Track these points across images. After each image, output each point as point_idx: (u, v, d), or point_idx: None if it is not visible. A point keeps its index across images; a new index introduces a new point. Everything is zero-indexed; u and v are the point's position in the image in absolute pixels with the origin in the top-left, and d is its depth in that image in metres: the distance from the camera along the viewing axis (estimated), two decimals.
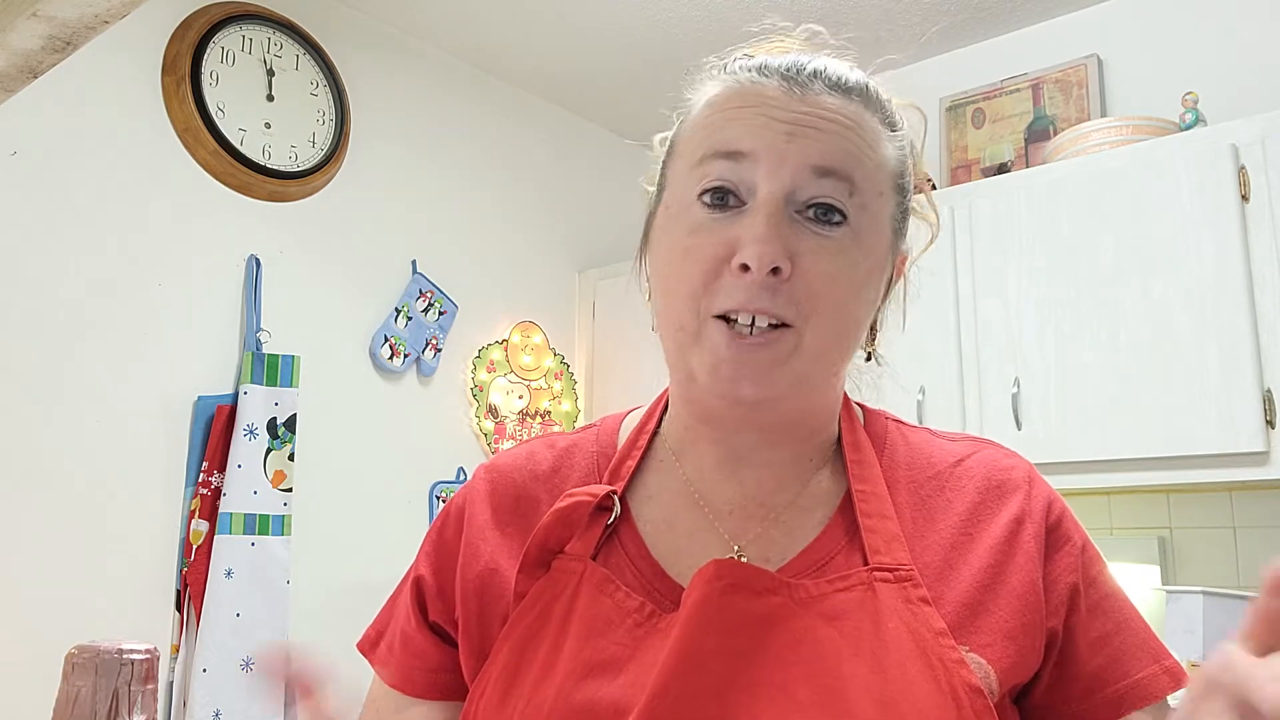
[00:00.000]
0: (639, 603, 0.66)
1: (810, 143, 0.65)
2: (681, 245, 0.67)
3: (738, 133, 0.66)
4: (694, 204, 0.67)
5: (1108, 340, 2.05)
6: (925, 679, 0.59)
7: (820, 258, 0.64)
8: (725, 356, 0.64)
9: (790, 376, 0.65)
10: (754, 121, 0.65)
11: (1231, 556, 2.15)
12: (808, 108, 0.66)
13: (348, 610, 2.36)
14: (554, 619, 0.67)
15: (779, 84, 0.67)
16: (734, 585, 0.63)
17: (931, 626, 0.62)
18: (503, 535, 0.74)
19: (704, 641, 0.61)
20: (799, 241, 0.64)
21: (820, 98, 0.66)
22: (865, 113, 0.68)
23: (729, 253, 0.64)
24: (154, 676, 0.49)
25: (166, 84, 2.20)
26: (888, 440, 0.74)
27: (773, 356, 0.64)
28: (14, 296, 1.96)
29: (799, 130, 0.65)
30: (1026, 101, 2.60)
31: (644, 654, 0.63)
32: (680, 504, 0.72)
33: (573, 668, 0.63)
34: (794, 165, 0.64)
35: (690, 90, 0.74)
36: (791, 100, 0.66)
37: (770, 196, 0.64)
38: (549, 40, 2.76)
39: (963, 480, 0.71)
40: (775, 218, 0.63)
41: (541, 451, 0.78)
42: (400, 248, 2.62)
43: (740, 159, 0.65)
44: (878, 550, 0.66)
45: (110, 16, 1.05)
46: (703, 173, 0.67)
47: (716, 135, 0.67)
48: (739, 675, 0.61)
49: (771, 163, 0.64)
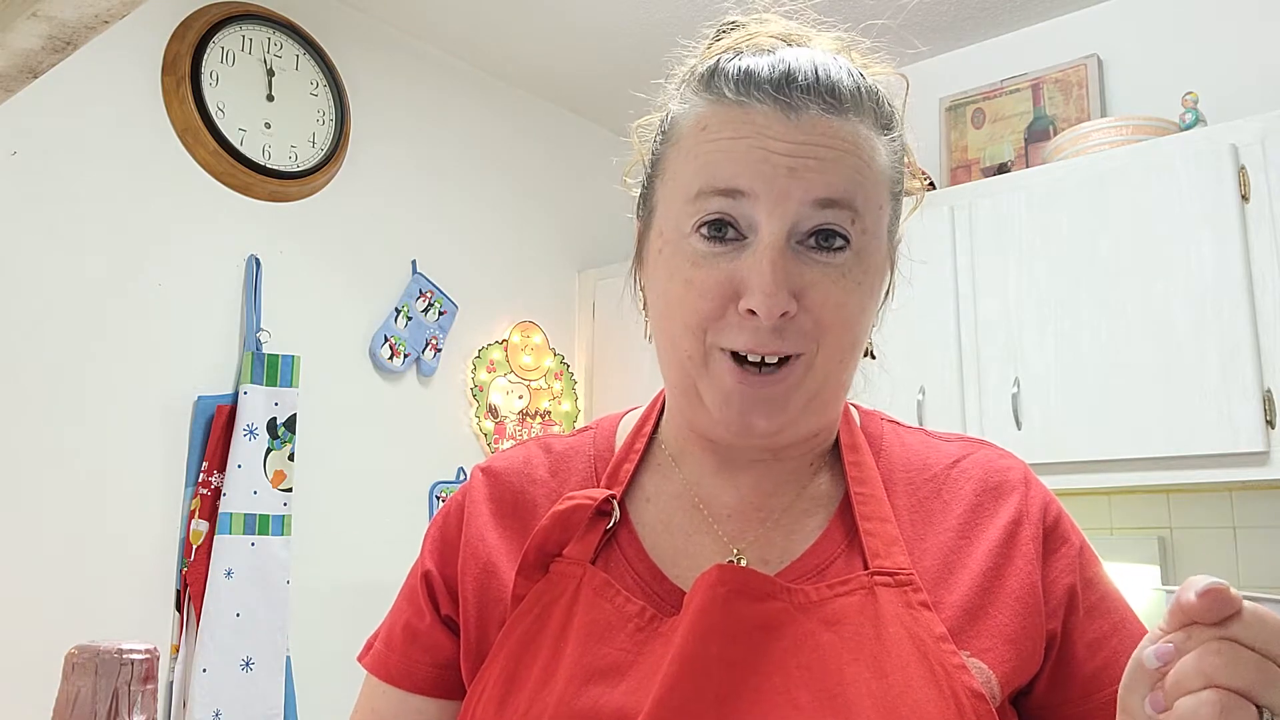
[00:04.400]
0: (639, 607, 0.66)
1: (813, 175, 0.62)
2: (683, 276, 0.65)
3: (735, 170, 0.63)
4: (691, 235, 0.65)
5: (1108, 340, 2.05)
6: (927, 684, 0.59)
7: (826, 288, 0.63)
8: (735, 390, 0.64)
9: (801, 401, 0.65)
10: (751, 155, 0.63)
11: (1231, 556, 2.15)
12: (805, 136, 0.63)
13: (348, 610, 2.37)
14: (553, 623, 0.66)
15: (772, 108, 0.63)
16: (736, 591, 0.63)
17: (932, 631, 0.62)
18: (501, 537, 0.73)
19: (707, 648, 0.61)
20: (803, 274, 0.63)
21: (817, 121, 0.63)
22: (861, 127, 0.65)
23: (733, 290, 0.63)
24: (154, 676, 0.49)
25: (166, 84, 2.20)
26: (884, 442, 0.74)
27: (785, 388, 0.64)
28: (14, 297, 1.96)
29: (799, 163, 0.62)
30: (1026, 101, 2.60)
31: (646, 659, 0.63)
32: (679, 507, 0.72)
33: (574, 673, 0.63)
34: (797, 201, 0.62)
35: (675, 92, 0.71)
36: (788, 129, 0.63)
37: (774, 237, 0.62)
38: (549, 40, 2.76)
39: (959, 482, 0.71)
40: (780, 260, 0.62)
41: (538, 455, 0.78)
42: (400, 248, 2.62)
43: (739, 197, 0.63)
44: (878, 554, 0.65)
45: (110, 16, 1.05)
46: (699, 207, 0.64)
47: (712, 171, 0.64)
48: (741, 681, 0.60)
49: (773, 200, 0.62)
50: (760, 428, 0.65)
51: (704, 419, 0.68)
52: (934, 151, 2.72)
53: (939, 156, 2.71)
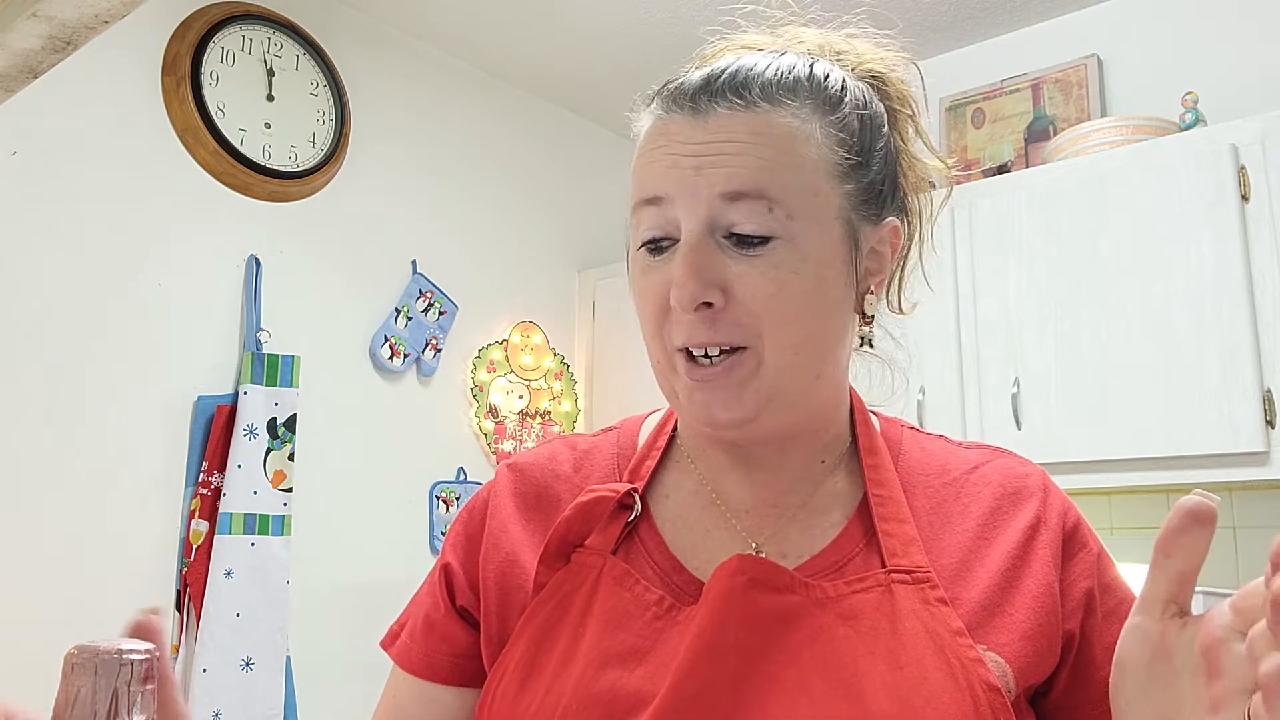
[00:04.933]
0: (658, 596, 0.67)
1: (716, 170, 0.65)
2: (638, 286, 0.70)
3: (654, 178, 0.67)
4: (637, 247, 0.70)
5: (1108, 340, 2.05)
6: (942, 676, 0.60)
7: (752, 280, 0.65)
8: (692, 385, 0.67)
9: (758, 395, 0.67)
10: (663, 162, 0.67)
11: (1231, 556, 2.15)
12: (709, 135, 0.66)
13: (348, 610, 2.37)
14: (573, 610, 0.68)
15: (685, 115, 0.67)
16: (755, 581, 0.65)
17: (949, 626, 0.63)
18: (525, 529, 0.75)
19: (724, 634, 0.63)
20: (727, 269, 0.65)
21: (722, 120, 0.66)
22: (778, 116, 0.66)
23: (669, 291, 0.67)
24: (154, 676, 0.49)
25: (166, 84, 2.20)
26: (903, 446, 0.76)
27: (736, 380, 0.66)
28: (14, 297, 1.96)
29: (703, 160, 0.65)
30: (1026, 101, 2.60)
31: (664, 646, 0.65)
32: (697, 502, 0.74)
33: (593, 658, 0.65)
34: (706, 198, 0.65)
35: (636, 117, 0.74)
36: (695, 130, 0.66)
37: (689, 235, 0.65)
38: (549, 40, 2.76)
39: (979, 486, 0.72)
40: (694, 255, 0.65)
41: (563, 452, 0.80)
42: (400, 248, 2.62)
43: (661, 203, 0.67)
44: (895, 553, 0.67)
45: (110, 16, 1.05)
46: (637, 220, 0.69)
47: (638, 183, 0.69)
48: (756, 669, 0.62)
49: (685, 200, 0.65)
50: (721, 418, 0.67)
51: (686, 415, 0.71)
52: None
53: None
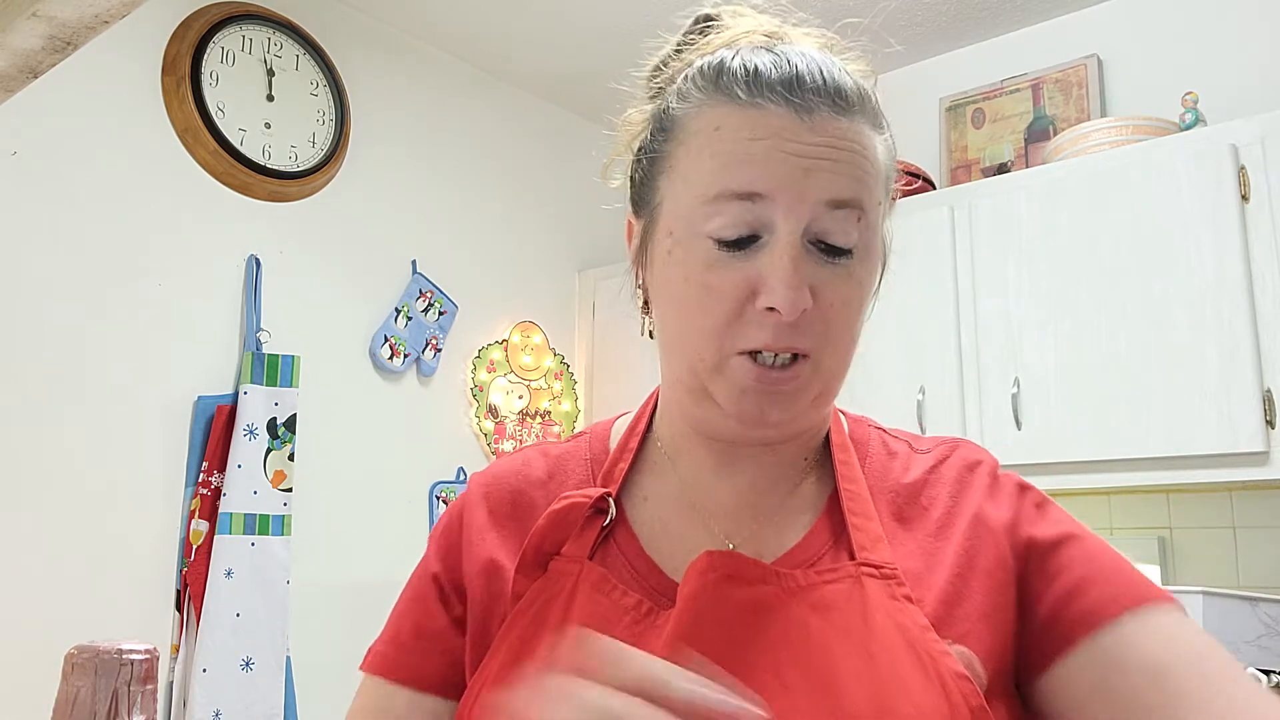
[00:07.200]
0: (636, 600, 0.67)
1: (826, 176, 0.64)
2: (700, 280, 0.66)
3: (755, 173, 0.64)
4: (705, 238, 0.66)
5: (1108, 340, 2.05)
6: (913, 667, 0.61)
7: (835, 287, 0.65)
8: (752, 388, 0.66)
9: (809, 398, 0.68)
10: (770, 158, 0.64)
11: (1231, 556, 2.15)
12: (818, 137, 0.64)
13: (348, 610, 2.37)
14: (551, 618, 0.67)
15: (784, 109, 0.65)
16: (727, 576, 0.65)
17: (916, 621, 0.63)
18: (500, 536, 0.74)
19: (698, 633, 0.63)
20: (815, 274, 0.65)
21: (828, 123, 0.65)
22: (864, 127, 0.67)
23: (750, 291, 0.65)
24: (154, 677, 0.49)
25: (166, 84, 2.20)
26: (870, 448, 0.76)
27: (796, 386, 0.66)
28: (14, 297, 1.96)
29: (814, 164, 0.64)
30: (1026, 101, 2.60)
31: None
32: (674, 505, 0.74)
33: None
34: (812, 202, 0.64)
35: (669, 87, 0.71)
36: (801, 129, 0.64)
37: (791, 236, 0.64)
38: (549, 40, 2.76)
39: (935, 486, 0.73)
40: (799, 259, 0.64)
41: (536, 459, 0.79)
42: (400, 248, 2.62)
43: (757, 199, 0.64)
44: (864, 547, 0.67)
45: (110, 16, 1.05)
46: (716, 210, 0.65)
47: (731, 173, 0.65)
48: (732, 664, 0.61)
49: (789, 201, 0.64)
50: (773, 418, 0.67)
51: (713, 414, 0.69)
52: (934, 151, 2.72)
53: (939, 156, 2.71)
